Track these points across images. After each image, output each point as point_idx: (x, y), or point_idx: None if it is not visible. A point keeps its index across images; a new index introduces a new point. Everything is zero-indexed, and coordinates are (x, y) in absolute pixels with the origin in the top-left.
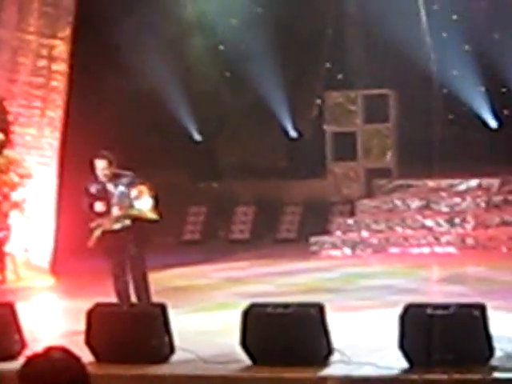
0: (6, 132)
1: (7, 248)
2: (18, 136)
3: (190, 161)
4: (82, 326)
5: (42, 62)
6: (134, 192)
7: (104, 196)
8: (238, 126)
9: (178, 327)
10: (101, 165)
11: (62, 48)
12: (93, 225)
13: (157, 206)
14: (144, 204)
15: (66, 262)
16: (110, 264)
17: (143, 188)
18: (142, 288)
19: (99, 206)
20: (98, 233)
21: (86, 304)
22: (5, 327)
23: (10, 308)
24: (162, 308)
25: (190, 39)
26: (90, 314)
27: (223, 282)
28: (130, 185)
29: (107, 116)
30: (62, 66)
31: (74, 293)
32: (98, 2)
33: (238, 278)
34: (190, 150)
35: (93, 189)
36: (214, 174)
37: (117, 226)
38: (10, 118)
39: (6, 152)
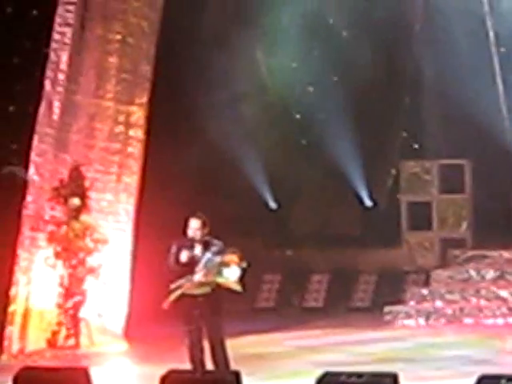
0: (83, 197)
1: (82, 313)
2: (94, 201)
3: (265, 228)
4: None
5: (119, 128)
6: (224, 259)
7: (190, 249)
8: (313, 195)
9: None
10: (195, 224)
11: (139, 114)
12: (173, 286)
13: (242, 277)
14: (232, 273)
15: (140, 327)
16: (185, 330)
17: (234, 257)
18: (221, 355)
19: (184, 256)
20: (175, 295)
21: (160, 370)
22: None
23: (84, 373)
24: (236, 375)
25: (267, 107)
26: (164, 381)
27: (297, 350)
28: (219, 252)
29: (183, 182)
30: (138, 132)
31: (147, 358)
32: (176, 69)
33: (311, 347)
34: (265, 218)
35: (180, 244)
36: (289, 242)
37: (197, 292)
38: (87, 183)
39: (83, 217)
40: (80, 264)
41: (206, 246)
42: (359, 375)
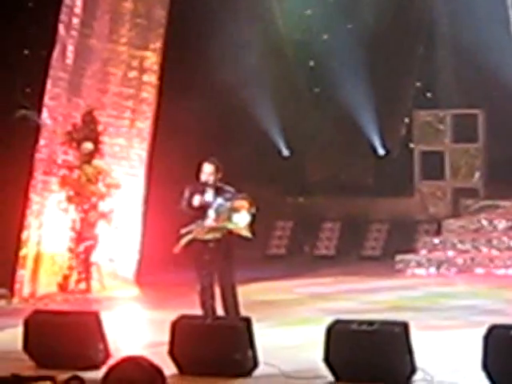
0: (96, 142)
1: (93, 257)
2: (107, 146)
3: (278, 176)
4: (165, 337)
5: (133, 73)
6: (234, 204)
7: (203, 194)
8: (326, 143)
9: (262, 341)
10: (208, 169)
11: (152, 59)
12: (183, 231)
13: (252, 223)
14: (242, 219)
15: (152, 272)
16: (196, 275)
17: (244, 203)
18: (231, 301)
19: (196, 200)
20: (186, 240)
21: (171, 315)
22: (89, 336)
23: (94, 317)
24: (247, 322)
25: (280, 54)
26: (175, 326)
27: (307, 298)
28: (230, 198)
29: (196, 129)
30: (152, 78)
31: (158, 304)
32: (190, 15)
33: (322, 294)
34: (278, 165)
35: (192, 188)
36: (302, 190)
37: (207, 237)
38: (100, 128)
39: (95, 162)
40: (92, 208)
41: (219, 192)
42: (370, 323)
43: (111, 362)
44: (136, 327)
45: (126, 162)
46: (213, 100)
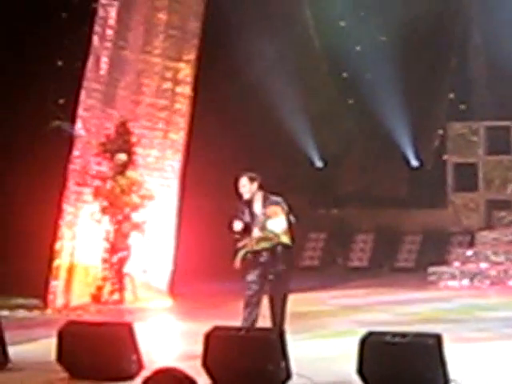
0: (129, 153)
1: (126, 268)
2: (140, 157)
3: (312, 187)
4: (199, 348)
5: (167, 85)
6: (267, 211)
7: (242, 216)
8: (359, 154)
9: (295, 353)
10: (242, 182)
11: (186, 71)
12: (239, 245)
13: (290, 229)
14: (277, 225)
15: (185, 283)
16: (247, 287)
17: (277, 209)
18: (278, 311)
19: (237, 225)
20: (242, 253)
21: (204, 327)
22: (123, 347)
23: (128, 328)
24: (280, 333)
25: (314, 65)
26: (208, 337)
27: (341, 310)
28: (266, 206)
29: (229, 140)
30: (186, 89)
31: (192, 315)
32: (224, 28)
33: (355, 306)
34: (311, 177)
35: (236, 212)
36: (335, 201)
37: (257, 247)
38: (134, 139)
39: (129, 173)
40: (125, 219)
41: (264, 200)
42: (403, 335)
43: (144, 373)
44: (169, 338)
45: (159, 173)
46: (247, 112)
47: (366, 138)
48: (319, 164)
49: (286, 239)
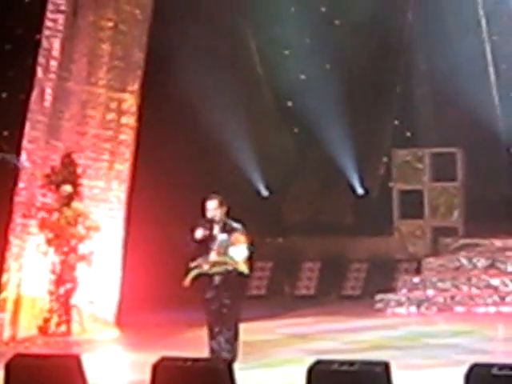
0: (75, 184)
1: (73, 300)
2: (85, 189)
3: (257, 216)
4: (147, 379)
5: (111, 116)
6: (232, 238)
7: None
8: (305, 183)
9: (243, 383)
10: (211, 205)
11: (130, 102)
12: (192, 264)
13: (250, 259)
14: (238, 253)
15: (132, 314)
16: (203, 311)
17: (241, 237)
18: (232, 339)
19: (199, 233)
20: (194, 273)
21: (152, 357)
22: (71, 379)
23: (75, 360)
24: (229, 364)
25: (258, 94)
26: (156, 368)
27: (288, 338)
28: (230, 232)
29: (175, 170)
30: (130, 120)
31: (139, 346)
32: (168, 58)
33: (303, 334)
34: (257, 206)
35: (198, 223)
36: (281, 230)
37: (212, 271)
38: (79, 170)
39: (74, 204)
40: (72, 251)
41: (225, 228)
42: (351, 363)
43: None
44: (117, 369)
45: (105, 204)
46: (192, 142)
47: (312, 166)
48: (265, 193)
49: (243, 268)
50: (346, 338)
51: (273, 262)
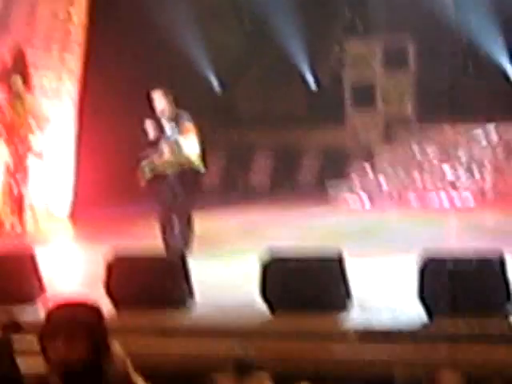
0: (25, 77)
1: (27, 199)
2: (36, 79)
3: (210, 109)
4: (102, 273)
5: (61, 11)
6: (181, 127)
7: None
8: (257, 75)
9: (197, 274)
10: (157, 95)
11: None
12: (144, 162)
13: (203, 155)
14: (190, 146)
15: (86, 210)
16: (158, 209)
17: (190, 125)
18: (186, 232)
19: (149, 124)
20: (148, 171)
21: (106, 250)
22: (24, 272)
23: (30, 258)
24: (181, 255)
25: None
26: (110, 263)
27: (242, 229)
28: (177, 121)
29: (128, 66)
30: (81, 16)
31: (93, 240)
32: None
33: (256, 224)
34: (210, 99)
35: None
36: (234, 123)
37: (168, 170)
38: (29, 63)
39: (25, 96)
40: (22, 142)
41: (174, 118)
42: (303, 259)
43: (46, 296)
44: (71, 264)
45: (56, 98)
46: (145, 38)
47: (263, 59)
48: (217, 87)
49: (199, 165)
50: (300, 226)
51: (226, 154)
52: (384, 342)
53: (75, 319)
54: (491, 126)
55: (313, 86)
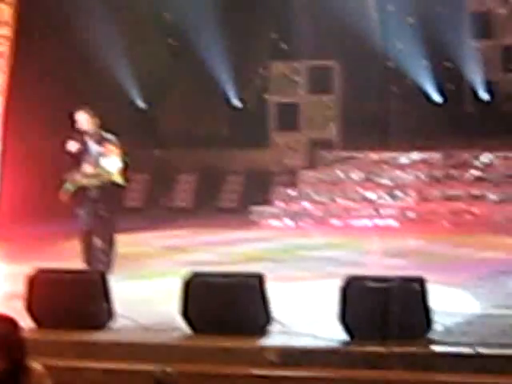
0: None
1: None
2: None
3: (133, 128)
4: (22, 290)
5: None
6: (103, 149)
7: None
8: (181, 94)
9: (119, 294)
10: (81, 117)
11: (7, 12)
12: (65, 176)
13: (124, 170)
14: (112, 164)
15: (8, 227)
16: (79, 224)
17: (113, 148)
18: (108, 250)
19: (72, 146)
20: (68, 186)
21: (27, 269)
22: None
23: None
24: (102, 275)
25: (134, 5)
26: (31, 279)
27: (164, 250)
28: (102, 143)
29: (53, 83)
30: (7, 31)
31: (14, 257)
32: None
33: (178, 246)
34: (132, 117)
35: (72, 136)
36: (157, 142)
37: (88, 184)
38: None
39: None
40: None
41: (97, 139)
42: (226, 275)
43: None
44: None
45: None
46: (70, 55)
47: (188, 78)
48: (141, 105)
49: (118, 179)
50: (221, 249)
51: (149, 174)
52: (304, 362)
53: None
54: (415, 151)
55: (237, 107)
